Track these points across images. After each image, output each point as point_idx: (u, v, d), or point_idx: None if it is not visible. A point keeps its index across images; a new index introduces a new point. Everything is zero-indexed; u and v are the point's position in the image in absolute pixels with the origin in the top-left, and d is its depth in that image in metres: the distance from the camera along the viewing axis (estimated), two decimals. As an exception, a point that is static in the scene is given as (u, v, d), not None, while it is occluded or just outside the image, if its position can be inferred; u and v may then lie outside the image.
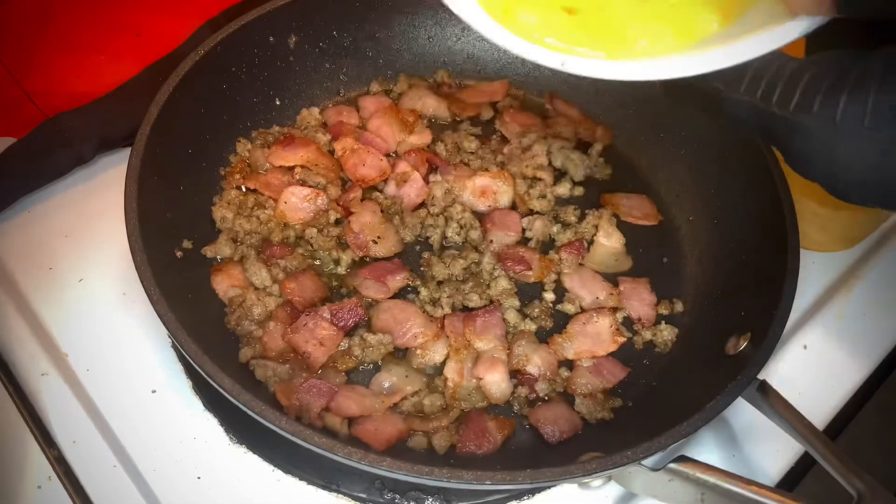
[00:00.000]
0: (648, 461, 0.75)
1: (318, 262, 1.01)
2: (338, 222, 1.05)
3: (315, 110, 1.16)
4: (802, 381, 0.99)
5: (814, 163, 0.58)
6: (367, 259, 1.02)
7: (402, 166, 1.09)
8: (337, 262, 1.01)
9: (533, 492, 0.91)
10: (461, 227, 1.05)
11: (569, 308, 1.00)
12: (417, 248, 1.05)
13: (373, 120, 1.14)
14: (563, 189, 1.12)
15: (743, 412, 0.92)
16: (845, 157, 0.56)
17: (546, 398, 0.93)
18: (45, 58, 1.14)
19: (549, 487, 0.91)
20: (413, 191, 1.07)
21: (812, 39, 0.60)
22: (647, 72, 0.61)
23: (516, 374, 0.93)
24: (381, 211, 1.05)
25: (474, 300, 0.97)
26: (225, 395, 0.74)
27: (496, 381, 0.91)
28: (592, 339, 0.97)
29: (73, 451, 0.90)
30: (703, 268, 1.05)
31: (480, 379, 0.91)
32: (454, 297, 0.98)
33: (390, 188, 1.08)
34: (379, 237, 1.02)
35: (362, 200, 1.06)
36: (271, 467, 0.90)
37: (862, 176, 0.57)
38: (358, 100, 1.19)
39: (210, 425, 0.93)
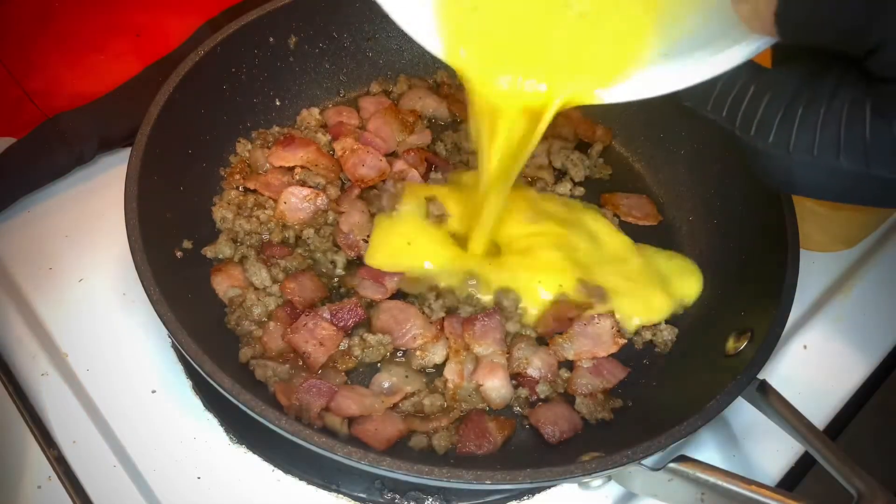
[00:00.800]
0: (648, 461, 0.75)
1: (317, 263, 1.01)
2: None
3: (315, 111, 1.16)
4: (802, 381, 0.99)
5: (774, 179, 0.64)
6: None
7: (400, 165, 1.09)
8: (334, 263, 1.01)
9: (533, 492, 0.90)
10: None
11: (569, 308, 1.00)
12: (417, 248, 1.05)
13: (373, 120, 1.14)
14: (563, 189, 1.12)
15: (743, 412, 0.92)
16: (801, 178, 0.61)
17: (546, 399, 0.93)
18: (45, 58, 1.14)
19: (550, 487, 0.91)
20: (413, 190, 1.07)
21: (778, 47, 0.64)
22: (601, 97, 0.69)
23: (517, 377, 0.93)
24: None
25: (467, 311, 0.97)
26: (225, 395, 0.74)
27: (496, 388, 0.91)
28: (593, 340, 0.96)
29: (73, 451, 0.89)
30: (703, 268, 1.05)
31: (480, 385, 0.91)
32: (446, 299, 0.97)
33: (388, 187, 1.08)
34: (369, 236, 1.02)
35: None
36: (271, 467, 0.90)
37: (818, 192, 0.63)
38: (358, 100, 1.19)
39: (210, 425, 0.93)
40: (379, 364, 0.93)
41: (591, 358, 0.95)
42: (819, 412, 0.98)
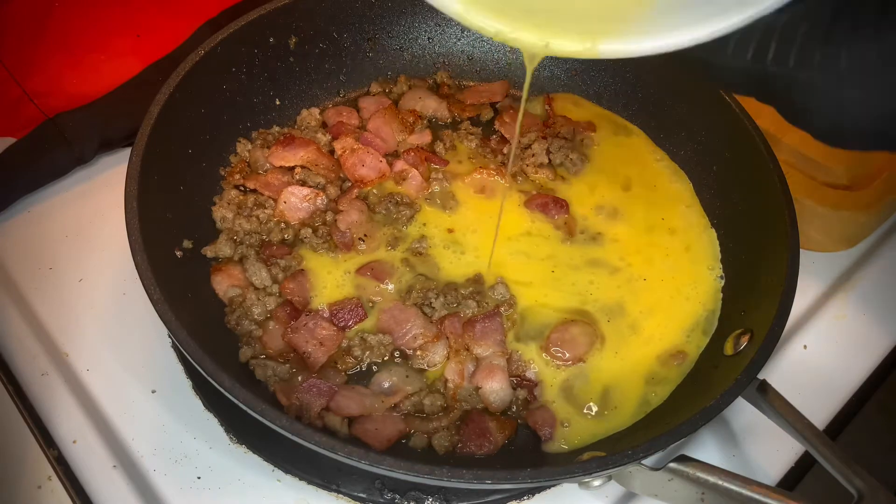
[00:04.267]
0: (648, 460, 0.75)
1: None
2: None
3: (315, 111, 1.16)
4: (802, 381, 0.99)
5: (817, 115, 0.57)
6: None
7: (401, 165, 1.09)
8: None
9: (533, 491, 0.90)
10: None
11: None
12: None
13: (373, 120, 1.14)
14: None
15: (743, 412, 0.92)
16: (852, 106, 0.55)
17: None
18: (45, 58, 1.14)
19: (550, 487, 0.91)
20: (413, 188, 1.07)
21: None
22: (614, 51, 0.61)
23: (516, 378, 0.93)
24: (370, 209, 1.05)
25: (471, 306, 0.97)
26: (225, 395, 0.74)
27: (495, 390, 0.90)
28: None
29: (73, 450, 0.89)
30: (703, 268, 1.05)
31: (479, 388, 0.91)
32: (446, 295, 0.97)
33: (389, 187, 1.08)
34: (366, 235, 1.02)
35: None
36: (271, 467, 0.90)
37: (869, 123, 0.55)
38: (358, 100, 1.19)
39: (210, 425, 0.93)
40: (378, 364, 0.93)
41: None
42: (819, 412, 0.98)
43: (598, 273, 1.02)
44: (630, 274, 1.02)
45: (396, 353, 0.94)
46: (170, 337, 0.98)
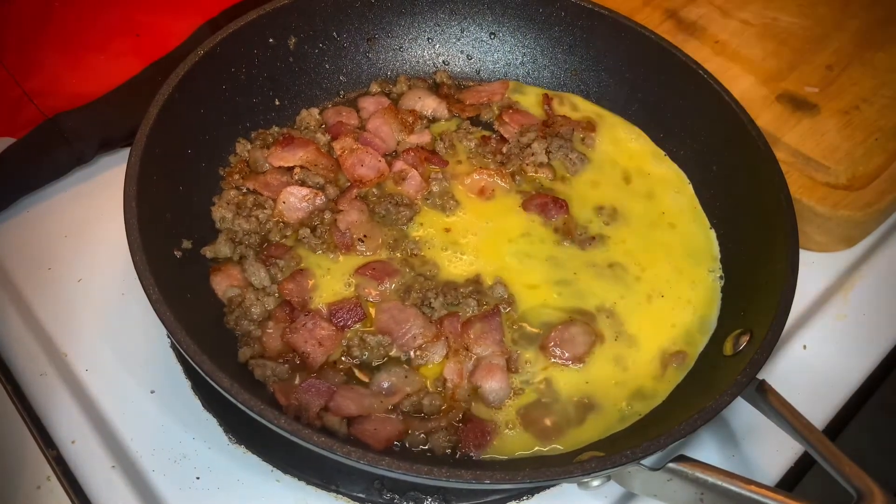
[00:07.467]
0: (648, 461, 0.75)
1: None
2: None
3: (314, 111, 1.16)
4: (802, 381, 0.99)
5: None
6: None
7: (400, 165, 1.09)
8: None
9: (533, 491, 0.90)
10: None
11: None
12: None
13: (372, 120, 1.14)
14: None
15: (743, 412, 0.92)
16: None
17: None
18: (45, 58, 1.14)
19: (549, 487, 0.91)
20: (412, 188, 1.07)
21: None
22: None
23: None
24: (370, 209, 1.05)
25: (471, 305, 0.97)
26: (224, 395, 0.74)
27: (494, 390, 0.90)
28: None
29: (72, 451, 0.89)
30: (702, 268, 1.05)
31: (479, 388, 0.91)
32: (445, 295, 0.97)
33: (389, 187, 1.08)
34: (365, 235, 1.02)
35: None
36: (270, 467, 0.90)
37: None
38: (357, 100, 1.19)
39: (209, 425, 0.93)
40: (378, 364, 0.93)
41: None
42: (819, 412, 0.98)
43: (600, 275, 1.02)
44: (633, 273, 1.02)
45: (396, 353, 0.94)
46: (169, 337, 0.98)
